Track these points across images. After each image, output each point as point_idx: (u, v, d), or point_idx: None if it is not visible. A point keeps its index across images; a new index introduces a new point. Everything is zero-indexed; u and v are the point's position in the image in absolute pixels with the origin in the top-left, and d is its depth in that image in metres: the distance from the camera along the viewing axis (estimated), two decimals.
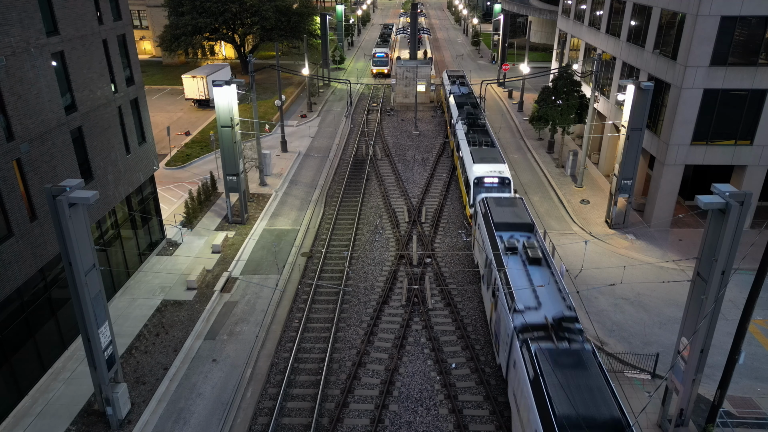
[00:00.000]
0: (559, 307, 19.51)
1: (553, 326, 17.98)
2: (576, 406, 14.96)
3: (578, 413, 14.78)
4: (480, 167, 32.82)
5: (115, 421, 20.29)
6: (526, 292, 20.19)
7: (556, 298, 20.06)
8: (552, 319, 18.22)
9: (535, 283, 20.62)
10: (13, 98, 20.48)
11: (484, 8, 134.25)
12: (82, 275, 17.82)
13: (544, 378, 15.83)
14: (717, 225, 16.74)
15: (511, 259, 22.63)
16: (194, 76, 59.40)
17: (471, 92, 50.22)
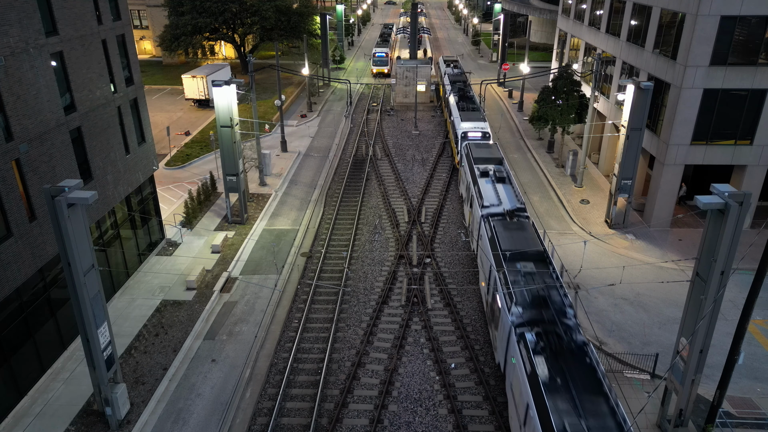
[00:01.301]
0: (514, 203, 27.84)
1: (507, 212, 26.47)
2: (513, 243, 23.37)
3: (514, 246, 23.08)
4: (466, 124, 41.16)
5: (115, 421, 20.29)
6: (493, 197, 28.38)
7: (512, 199, 28.31)
8: (506, 210, 26.64)
9: (500, 194, 28.65)
10: (12, 98, 20.48)
11: (484, 8, 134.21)
12: (81, 275, 17.82)
13: (497, 233, 24.52)
14: (716, 225, 16.73)
15: (484, 179, 30.57)
16: (194, 76, 59.40)
17: (462, 72, 59.26)
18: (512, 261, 22.00)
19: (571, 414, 14.80)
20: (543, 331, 18.04)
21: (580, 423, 14.48)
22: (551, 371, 16.33)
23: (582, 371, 16.28)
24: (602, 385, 15.81)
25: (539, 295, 19.82)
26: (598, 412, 14.82)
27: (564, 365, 16.57)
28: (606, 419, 14.63)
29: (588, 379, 16.04)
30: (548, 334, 17.91)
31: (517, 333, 18.29)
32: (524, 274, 21.21)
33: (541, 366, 16.55)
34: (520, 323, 18.62)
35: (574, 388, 15.64)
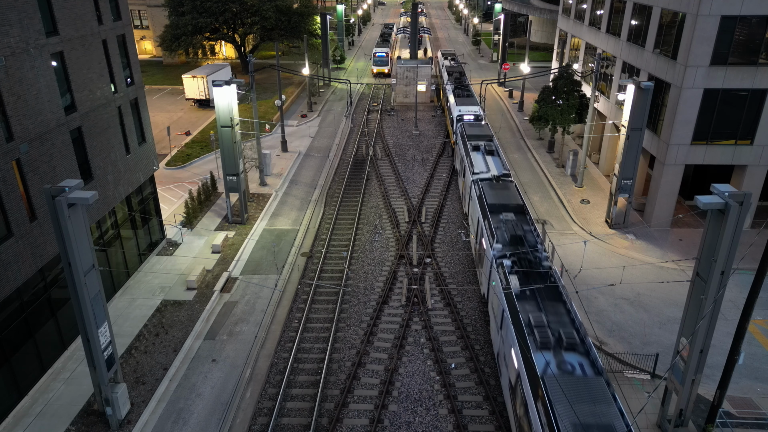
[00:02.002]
0: (500, 170, 31.96)
1: (494, 177, 30.36)
2: (497, 199, 27.41)
3: (498, 201, 27.17)
4: (461, 108, 45.16)
5: (115, 421, 20.31)
6: (482, 165, 32.53)
7: (499, 167, 32.48)
8: (494, 175, 30.52)
9: (488, 163, 32.78)
10: (13, 99, 20.49)
11: (485, 8, 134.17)
12: (81, 275, 17.84)
13: (484, 192, 28.33)
14: (716, 225, 16.73)
15: (475, 152, 35.21)
16: (194, 76, 59.42)
17: (459, 64, 64.90)
18: (495, 212, 26.46)
19: (536, 313, 18.91)
20: (517, 259, 22.23)
21: (542, 318, 18.56)
22: (522, 287, 20.54)
23: (549, 290, 20.29)
24: (561, 295, 19.90)
25: (515, 235, 24.06)
26: (557, 312, 18.97)
27: (532, 282, 20.84)
28: (562, 317, 18.73)
29: (550, 291, 20.14)
30: (521, 261, 22.16)
31: (497, 262, 22.33)
32: (505, 221, 25.63)
33: (514, 282, 20.58)
34: (499, 255, 22.57)
35: (539, 297, 19.87)
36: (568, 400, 15.16)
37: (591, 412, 14.77)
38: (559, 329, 17.93)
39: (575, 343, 17.33)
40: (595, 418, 14.53)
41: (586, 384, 15.76)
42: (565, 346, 17.25)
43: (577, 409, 14.88)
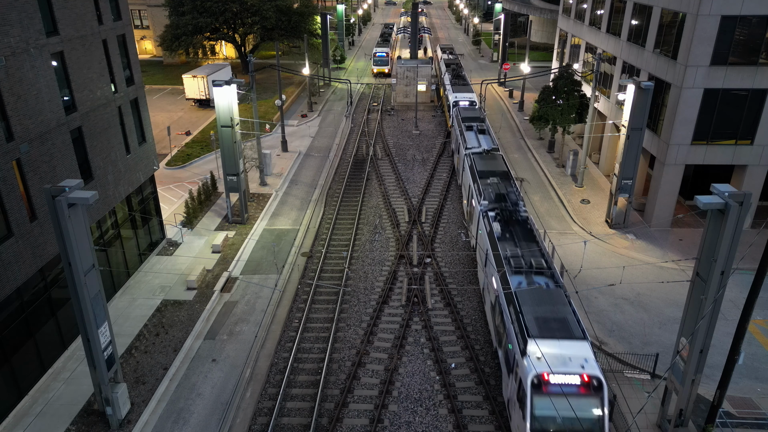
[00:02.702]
0: (490, 145, 36.27)
1: (484, 150, 34.67)
2: (485, 167, 32.07)
3: (486, 168, 31.77)
4: (457, 95, 49.67)
5: (115, 421, 20.32)
6: (474, 141, 37.13)
7: (489, 143, 36.95)
8: (484, 149, 34.81)
9: (479, 140, 37.32)
10: (13, 98, 20.50)
11: (485, 8, 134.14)
12: (81, 275, 17.85)
13: (474, 162, 32.89)
14: (716, 225, 16.73)
15: (469, 131, 39.67)
16: (195, 76, 59.44)
17: (456, 57, 68.75)
18: (484, 178, 30.88)
19: (513, 248, 23.70)
20: (500, 211, 26.79)
21: (517, 252, 23.26)
22: (503, 231, 25.25)
23: (523, 231, 25.27)
24: (534, 236, 24.91)
25: (500, 194, 28.72)
26: (530, 248, 23.70)
27: (512, 228, 25.55)
28: (534, 251, 23.42)
29: (526, 233, 25.06)
30: (503, 212, 26.69)
31: (483, 213, 27.02)
32: (491, 183, 30.18)
33: (496, 227, 25.31)
34: (486, 209, 27.23)
35: (516, 238, 24.67)
36: (532, 303, 19.93)
37: (550, 310, 19.64)
38: (530, 259, 22.59)
39: (542, 268, 22.14)
40: (552, 314, 19.47)
41: (548, 293, 20.57)
42: (534, 271, 21.99)
43: (539, 309, 19.69)
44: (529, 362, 17.70)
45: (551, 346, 18.11)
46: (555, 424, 17.21)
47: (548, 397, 17.19)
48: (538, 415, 17.26)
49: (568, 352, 17.97)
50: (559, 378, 17.30)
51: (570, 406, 17.05)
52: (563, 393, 17.15)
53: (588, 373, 17.36)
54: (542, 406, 17.23)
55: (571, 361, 17.61)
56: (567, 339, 18.45)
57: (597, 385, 17.28)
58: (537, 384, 17.32)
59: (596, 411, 17.20)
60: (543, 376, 17.28)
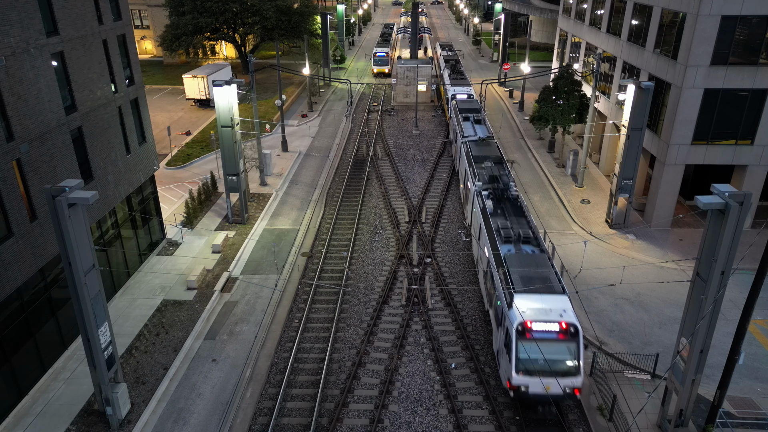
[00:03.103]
0: (485, 134, 38.57)
1: (480, 138, 37.32)
2: (480, 152, 34.68)
3: (481, 154, 34.40)
4: (455, 88, 52.02)
5: (115, 421, 20.32)
6: (471, 130, 39.49)
7: (484, 132, 39.14)
8: (479, 137, 37.55)
9: (477, 132, 39.13)
10: (13, 99, 20.50)
11: (485, 7, 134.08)
12: (81, 275, 17.85)
13: (470, 148, 35.50)
14: (716, 225, 16.72)
15: (466, 121, 41.86)
16: (195, 76, 59.44)
17: (455, 54, 71.56)
18: (479, 162, 33.33)
19: (503, 222, 26.06)
20: (492, 190, 29.25)
21: (507, 224, 25.67)
22: (494, 207, 27.68)
23: (513, 207, 27.72)
24: (523, 211, 27.38)
25: (493, 176, 31.26)
26: (519, 222, 26.26)
27: (503, 205, 27.95)
28: (522, 224, 26.04)
29: (516, 210, 27.43)
30: (495, 191, 29.15)
31: (477, 193, 29.53)
32: (485, 167, 32.60)
33: (489, 204, 27.71)
34: (480, 189, 29.64)
35: (506, 213, 27.12)
36: (518, 265, 22.44)
37: (533, 271, 22.11)
38: (518, 230, 24.87)
39: (529, 238, 24.50)
40: (536, 273, 21.93)
41: (532, 257, 23.17)
42: (522, 241, 24.42)
43: (524, 270, 22.12)
44: (514, 313, 20.07)
45: (534, 300, 20.49)
46: (537, 365, 19.60)
47: (531, 342, 19.69)
48: (522, 358, 19.73)
49: (548, 304, 20.30)
50: (540, 325, 19.70)
51: (550, 350, 19.62)
52: (544, 338, 19.68)
53: (566, 321, 19.74)
54: (526, 350, 19.73)
55: (551, 312, 20.03)
56: (548, 293, 20.82)
57: (573, 331, 19.69)
58: (521, 331, 19.71)
59: (573, 354, 19.77)
60: (526, 323, 19.68)
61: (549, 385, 19.59)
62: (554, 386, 19.58)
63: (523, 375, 19.72)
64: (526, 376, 19.72)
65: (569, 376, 19.69)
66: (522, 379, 19.72)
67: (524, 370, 19.70)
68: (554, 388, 19.61)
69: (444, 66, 63.69)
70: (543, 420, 20.80)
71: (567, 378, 19.67)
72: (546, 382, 19.58)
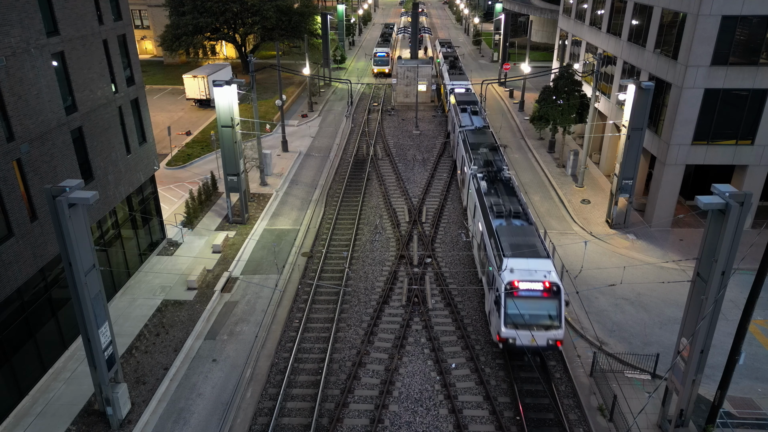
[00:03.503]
0: (481, 124, 40.94)
1: (476, 128, 39.65)
2: (476, 140, 37.21)
3: (476, 141, 36.81)
4: (453, 82, 54.41)
5: (116, 421, 20.32)
6: (468, 121, 41.53)
7: (480, 122, 41.43)
8: (476, 126, 39.88)
9: (473, 123, 41.10)
10: (14, 99, 20.51)
11: (485, 7, 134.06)
12: (82, 275, 17.84)
13: (467, 136, 37.93)
14: (717, 225, 16.71)
15: (463, 112, 43.80)
16: (195, 76, 59.44)
17: (453, 50, 74.42)
18: (474, 149, 35.76)
19: (496, 200, 28.05)
20: (486, 173, 31.65)
21: (500, 202, 27.67)
22: (488, 188, 30.07)
23: (505, 188, 30.07)
24: (515, 191, 29.63)
25: (487, 160, 33.33)
26: (510, 200, 28.39)
27: (496, 186, 30.38)
28: (513, 202, 28.20)
29: (508, 190, 29.76)
30: (489, 174, 31.61)
31: (473, 176, 32.02)
32: (481, 153, 35.00)
33: (483, 185, 30.09)
34: (475, 172, 31.95)
35: (499, 193, 29.41)
36: (508, 235, 24.87)
37: (522, 240, 24.48)
38: (509, 207, 27.18)
39: (519, 213, 26.94)
40: (523, 241, 24.32)
41: (521, 228, 25.67)
42: (513, 216, 26.83)
43: (513, 238, 24.57)
44: (504, 274, 22.36)
45: (521, 263, 22.83)
46: (523, 320, 21.98)
47: (518, 299, 22.07)
48: (510, 313, 22.02)
49: (534, 266, 22.64)
50: (526, 285, 22.03)
51: (535, 306, 22.05)
52: (529, 296, 22.06)
53: (549, 280, 22.04)
54: (513, 306, 22.03)
55: (536, 272, 22.35)
56: (534, 258, 23.12)
57: (556, 290, 22.00)
58: (509, 290, 22.01)
59: (555, 309, 22.07)
60: (514, 283, 22.01)
61: (534, 337, 22.01)
62: (539, 338, 22.05)
63: (511, 328, 22.04)
64: (513, 330, 22.04)
65: (552, 329, 22.07)
66: (510, 332, 22.04)
67: (512, 323, 22.03)
68: (539, 340, 22.06)
69: (443, 62, 66.59)
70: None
71: (550, 331, 22.07)
72: (531, 335, 21.97)
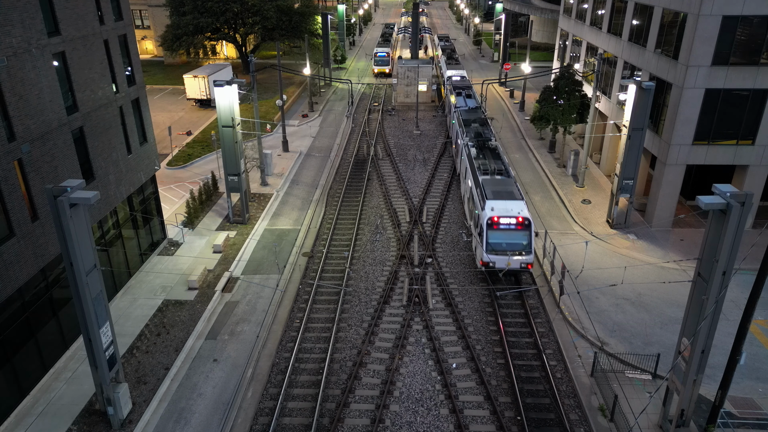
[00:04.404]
0: (473, 105, 46.42)
1: (469, 108, 45.08)
2: (469, 117, 42.53)
3: (469, 118, 42.09)
4: (450, 71, 60.86)
5: (117, 420, 20.33)
6: (463, 105, 46.47)
7: (473, 103, 46.89)
8: (468, 107, 45.42)
9: (467, 104, 46.57)
10: (15, 99, 20.52)
11: (486, 7, 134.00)
12: (83, 275, 17.86)
13: (461, 114, 43.16)
14: (718, 226, 16.71)
15: (458, 96, 49.45)
16: (196, 76, 59.44)
17: (451, 43, 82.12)
18: (467, 125, 41.00)
19: (484, 162, 33.54)
20: (476, 142, 36.90)
21: (487, 163, 33.19)
22: (478, 153, 35.40)
23: (492, 153, 35.55)
24: (500, 156, 35.19)
25: (478, 133, 38.64)
26: (496, 162, 33.73)
27: (484, 152, 35.71)
28: (499, 163, 33.58)
29: (494, 155, 35.24)
30: (479, 143, 36.93)
31: (465, 145, 37.39)
32: (473, 127, 40.03)
33: (473, 151, 35.27)
34: (467, 142, 37.31)
35: (486, 157, 34.61)
36: (492, 185, 30.26)
37: (502, 188, 29.93)
38: (494, 167, 32.53)
39: (501, 170, 32.47)
40: (503, 189, 29.82)
41: (502, 181, 31.06)
42: (496, 173, 32.15)
43: (495, 188, 29.96)
44: (486, 212, 27.93)
45: (500, 204, 28.30)
46: (501, 247, 27.62)
47: (497, 231, 27.65)
48: (491, 242, 27.63)
49: (510, 206, 28.13)
50: (504, 219, 27.58)
51: (510, 236, 27.67)
52: (506, 228, 27.66)
53: (522, 215, 27.61)
54: (493, 236, 27.64)
55: (512, 210, 27.91)
56: (510, 200, 28.66)
57: (527, 223, 27.57)
58: (490, 223, 27.60)
59: (526, 239, 27.61)
60: (493, 218, 27.57)
61: (510, 261, 27.41)
62: (513, 262, 27.46)
63: (492, 254, 27.51)
64: (493, 255, 27.50)
65: (524, 254, 27.42)
66: (491, 257, 27.52)
67: (492, 250, 27.53)
68: (513, 264, 27.49)
69: (442, 54, 74.68)
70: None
71: (522, 256, 27.42)
72: (507, 260, 27.42)
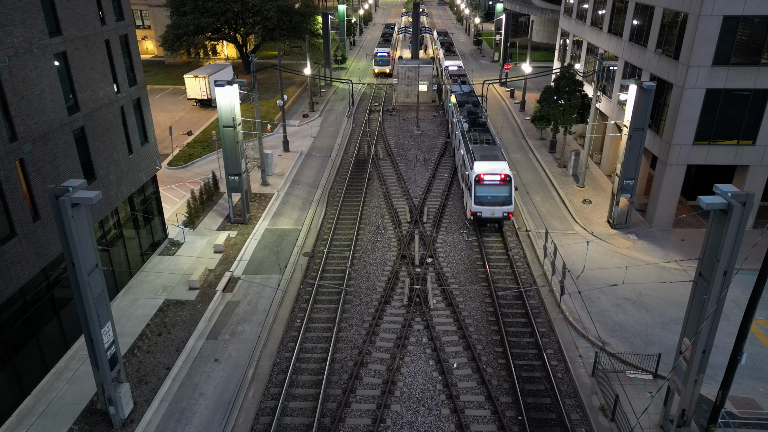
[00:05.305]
0: (468, 90, 51.61)
1: (464, 92, 50.75)
2: (463, 99, 48.63)
3: (464, 100, 48.31)
4: (447, 62, 66.73)
5: (118, 420, 20.35)
6: (459, 90, 51.85)
7: (468, 89, 52.03)
8: (463, 91, 51.10)
9: (462, 89, 51.95)
10: (16, 99, 20.54)
11: (486, 8, 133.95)
12: (84, 275, 17.87)
13: (457, 98, 48.83)
14: (719, 226, 16.73)
15: (455, 83, 54.98)
16: (196, 76, 59.46)
17: (449, 37, 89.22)
18: (462, 105, 46.69)
19: (474, 134, 39.31)
20: (469, 120, 42.22)
21: (477, 136, 38.90)
22: (469, 127, 41.07)
23: (482, 128, 41.13)
24: (489, 130, 41.09)
25: (471, 112, 44.39)
26: (485, 135, 39.21)
27: (476, 128, 41.06)
28: (487, 135, 39.19)
29: (483, 129, 40.84)
30: (471, 120, 42.27)
31: (458, 121, 42.91)
32: (466, 108, 45.79)
33: (465, 126, 41.17)
34: (461, 119, 42.64)
35: (477, 131, 40.09)
36: (480, 151, 36.00)
37: (489, 153, 35.69)
38: (483, 137, 38.56)
39: (489, 140, 38.40)
40: (490, 153, 35.71)
41: (489, 148, 36.95)
42: (485, 143, 37.89)
43: (483, 153, 35.76)
44: (474, 171, 33.55)
45: (486, 164, 33.99)
46: (486, 200, 33.13)
47: (483, 186, 33.17)
48: (478, 195, 33.19)
49: (494, 166, 33.77)
50: (488, 176, 33.14)
51: (494, 190, 33.16)
52: (490, 183, 33.11)
53: (504, 173, 33.22)
54: (480, 190, 33.21)
55: (495, 169, 33.53)
56: (494, 161, 34.49)
57: (508, 179, 33.13)
58: (477, 179, 33.11)
59: (508, 192, 33.12)
60: (480, 175, 33.21)
61: (494, 211, 33.16)
62: (497, 212, 33.17)
63: (479, 205, 33.15)
64: (480, 206, 33.15)
65: (506, 205, 33.01)
66: (478, 208, 33.18)
67: (479, 202, 33.14)
68: (497, 213, 33.22)
69: (440, 46, 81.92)
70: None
71: (504, 206, 33.03)
72: (491, 210, 33.16)
